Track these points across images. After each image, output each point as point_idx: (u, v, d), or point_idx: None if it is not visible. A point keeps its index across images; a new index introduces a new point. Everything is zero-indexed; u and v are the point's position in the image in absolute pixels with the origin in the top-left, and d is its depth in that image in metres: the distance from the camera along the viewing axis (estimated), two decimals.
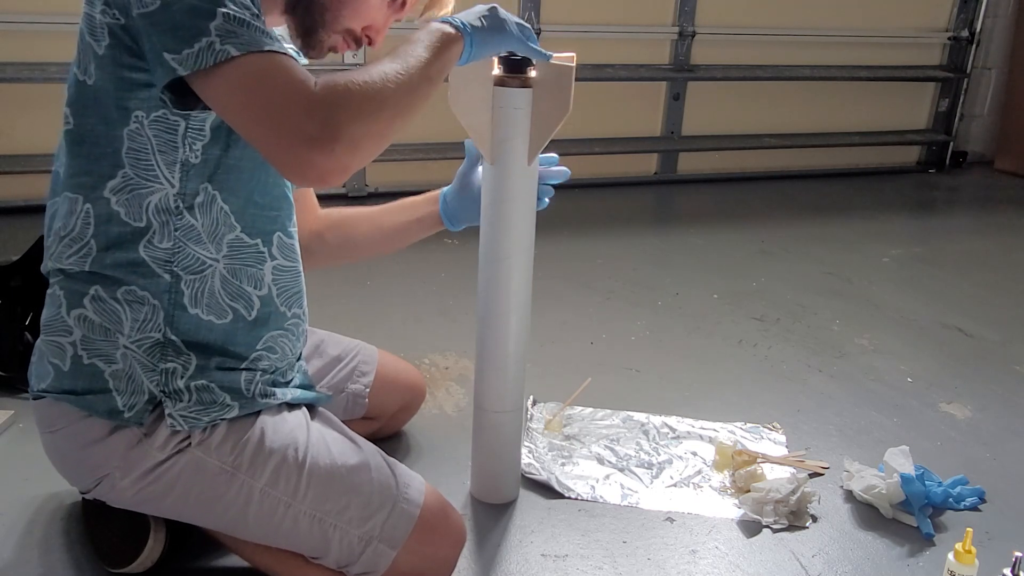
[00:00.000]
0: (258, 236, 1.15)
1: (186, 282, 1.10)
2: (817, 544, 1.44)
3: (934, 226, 3.48)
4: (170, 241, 1.09)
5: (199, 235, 1.10)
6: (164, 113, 1.04)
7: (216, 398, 1.13)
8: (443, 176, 3.23)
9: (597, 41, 3.45)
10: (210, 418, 1.12)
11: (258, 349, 1.17)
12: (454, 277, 2.47)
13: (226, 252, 1.12)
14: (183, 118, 1.05)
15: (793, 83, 3.81)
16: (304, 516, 1.14)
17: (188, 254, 1.10)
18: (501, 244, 1.35)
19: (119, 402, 1.10)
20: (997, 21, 4.11)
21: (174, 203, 1.08)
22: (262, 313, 1.16)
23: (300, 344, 1.26)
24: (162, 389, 1.10)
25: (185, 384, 1.11)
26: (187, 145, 1.06)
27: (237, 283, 1.14)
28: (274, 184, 1.17)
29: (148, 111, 1.04)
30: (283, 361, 1.22)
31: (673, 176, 3.77)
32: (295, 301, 1.22)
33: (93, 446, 1.11)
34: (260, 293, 1.16)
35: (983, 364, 2.14)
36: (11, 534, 1.35)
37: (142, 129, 1.04)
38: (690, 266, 2.74)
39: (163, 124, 1.05)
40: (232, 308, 1.14)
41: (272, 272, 1.17)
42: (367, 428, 1.54)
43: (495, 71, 1.27)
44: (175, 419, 1.10)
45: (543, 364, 1.99)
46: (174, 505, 1.15)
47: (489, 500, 1.49)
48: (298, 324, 1.23)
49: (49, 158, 3.12)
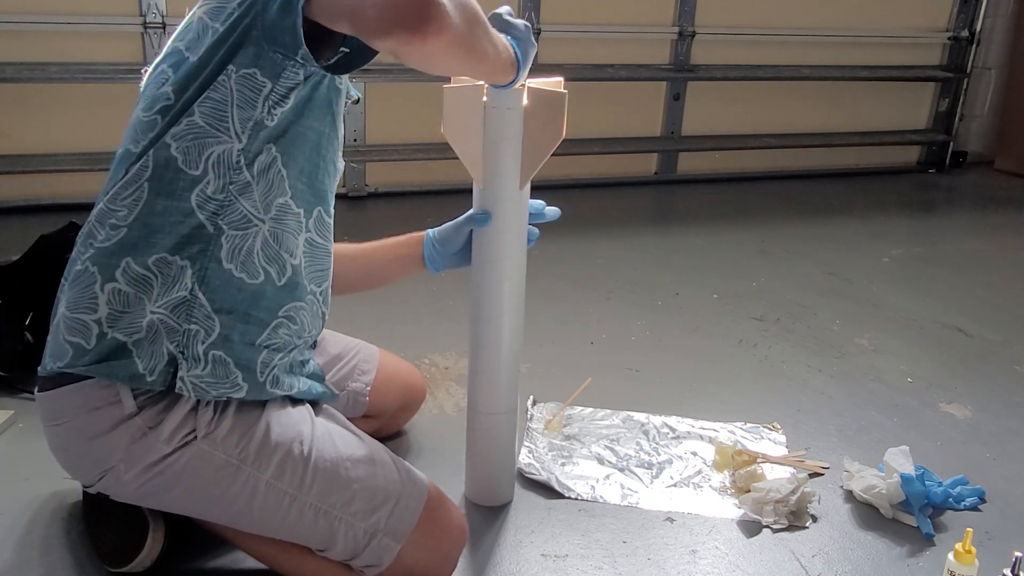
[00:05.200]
0: (303, 206, 1.17)
1: (228, 236, 1.11)
2: (817, 544, 1.44)
3: (934, 226, 3.48)
4: (223, 194, 1.10)
5: (252, 193, 1.12)
6: (255, 72, 1.07)
7: (229, 374, 1.13)
8: (443, 176, 3.26)
9: (597, 41, 3.45)
10: (218, 393, 1.12)
11: (279, 316, 1.18)
12: (454, 277, 2.44)
13: (273, 215, 1.14)
14: (272, 79, 1.08)
15: (793, 83, 3.81)
16: (309, 509, 1.15)
17: (236, 209, 1.11)
18: (493, 246, 1.35)
19: (140, 366, 1.10)
20: (997, 21, 4.11)
21: (236, 158, 1.10)
22: (290, 281, 1.18)
23: (319, 324, 1.27)
24: (181, 351, 1.11)
25: (204, 350, 1.12)
26: (266, 107, 1.09)
27: (276, 247, 1.15)
28: (330, 161, 1.20)
29: (239, 66, 1.07)
30: (300, 337, 1.22)
31: (673, 176, 3.77)
32: (319, 278, 1.23)
33: (98, 439, 1.12)
34: (294, 261, 1.18)
35: (983, 364, 2.14)
36: (11, 534, 1.35)
37: (227, 82, 1.07)
38: (690, 266, 2.74)
39: (250, 82, 1.07)
40: (265, 270, 1.15)
41: (304, 244, 1.19)
42: (367, 427, 1.53)
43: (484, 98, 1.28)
44: (185, 384, 1.10)
45: (543, 364, 1.99)
46: (179, 498, 1.16)
47: (483, 502, 1.49)
48: (315, 303, 1.24)
49: (49, 158, 3.13)
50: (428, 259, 1.44)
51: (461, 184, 1.37)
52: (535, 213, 1.40)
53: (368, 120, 3.21)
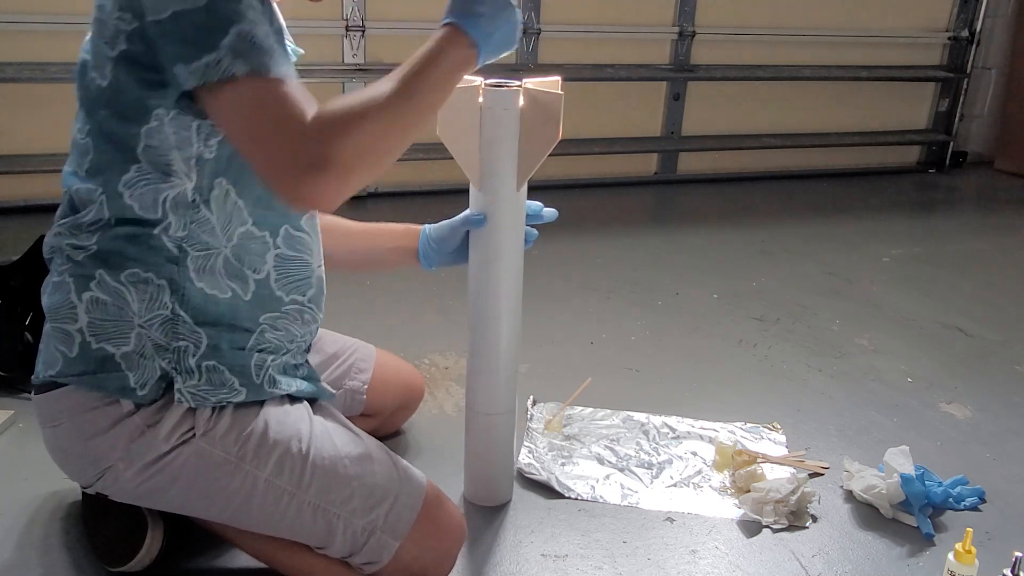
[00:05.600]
0: (267, 228, 1.17)
1: (192, 258, 1.11)
2: (817, 544, 1.44)
3: (934, 226, 3.48)
4: (185, 231, 1.10)
5: (212, 227, 1.12)
6: (175, 112, 1.05)
7: (225, 381, 1.14)
8: (442, 176, 3.26)
9: (597, 41, 3.45)
10: (217, 399, 1.13)
11: (261, 323, 1.18)
12: (454, 277, 2.46)
13: (235, 242, 1.14)
14: (197, 115, 1.06)
15: (793, 83, 3.81)
16: (308, 506, 1.15)
17: (199, 239, 1.12)
18: (490, 246, 1.35)
19: (131, 380, 1.10)
20: (997, 21, 4.11)
21: (191, 197, 1.09)
22: (257, 295, 1.17)
23: (308, 330, 1.26)
24: (174, 367, 1.12)
25: (196, 363, 1.12)
26: (201, 140, 1.07)
27: (238, 265, 1.15)
28: None
29: (168, 108, 1.04)
30: (291, 342, 1.22)
31: (673, 176, 3.77)
32: (299, 288, 1.22)
33: (97, 438, 1.12)
34: (258, 277, 1.17)
35: (983, 364, 2.14)
36: (11, 534, 1.35)
37: (162, 126, 1.05)
38: (690, 266, 2.74)
39: (181, 121, 1.06)
40: (231, 287, 1.15)
41: (274, 259, 1.18)
42: (366, 426, 1.53)
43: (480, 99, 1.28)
44: (183, 395, 1.11)
45: (543, 364, 1.99)
46: (178, 497, 1.16)
47: (482, 503, 1.49)
48: (301, 311, 1.23)
49: (49, 158, 3.12)
50: (423, 255, 1.44)
51: (461, 184, 1.37)
52: (533, 214, 1.39)
53: None
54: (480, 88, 1.27)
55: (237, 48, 0.94)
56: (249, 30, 0.96)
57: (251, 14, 0.97)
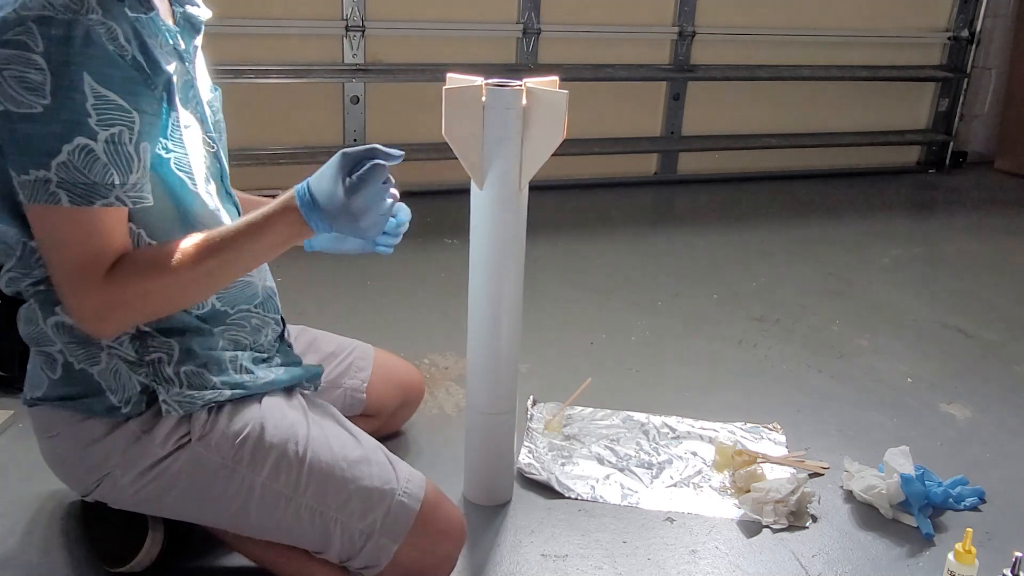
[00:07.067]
0: None
1: None
2: (817, 544, 1.44)
3: (934, 226, 3.48)
4: None
5: None
6: None
7: (207, 382, 1.14)
8: (443, 176, 3.26)
9: (597, 41, 3.45)
10: (204, 401, 1.13)
11: (216, 332, 1.17)
12: (454, 277, 2.46)
13: None
14: None
15: (793, 83, 3.81)
16: (305, 510, 1.15)
17: None
18: (492, 247, 1.35)
19: (114, 399, 1.11)
20: (997, 21, 4.11)
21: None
22: (204, 314, 1.16)
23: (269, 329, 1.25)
24: (153, 379, 1.12)
25: (174, 371, 1.13)
26: None
27: None
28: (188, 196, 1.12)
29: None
30: (260, 335, 1.23)
31: (673, 176, 3.77)
32: (244, 300, 1.20)
33: (93, 446, 1.12)
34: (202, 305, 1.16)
35: (983, 364, 2.14)
36: (11, 534, 1.35)
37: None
38: (690, 266, 2.74)
39: None
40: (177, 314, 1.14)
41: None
42: (366, 426, 1.53)
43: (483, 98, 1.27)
44: (170, 404, 1.11)
45: (543, 364, 1.99)
46: (175, 503, 1.15)
47: (482, 502, 1.49)
48: (248, 316, 1.21)
49: None
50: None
51: (462, 184, 1.37)
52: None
53: (368, 121, 3.21)
54: (482, 87, 1.27)
55: (67, 172, 0.94)
56: (85, 144, 0.94)
57: (90, 107, 0.93)
